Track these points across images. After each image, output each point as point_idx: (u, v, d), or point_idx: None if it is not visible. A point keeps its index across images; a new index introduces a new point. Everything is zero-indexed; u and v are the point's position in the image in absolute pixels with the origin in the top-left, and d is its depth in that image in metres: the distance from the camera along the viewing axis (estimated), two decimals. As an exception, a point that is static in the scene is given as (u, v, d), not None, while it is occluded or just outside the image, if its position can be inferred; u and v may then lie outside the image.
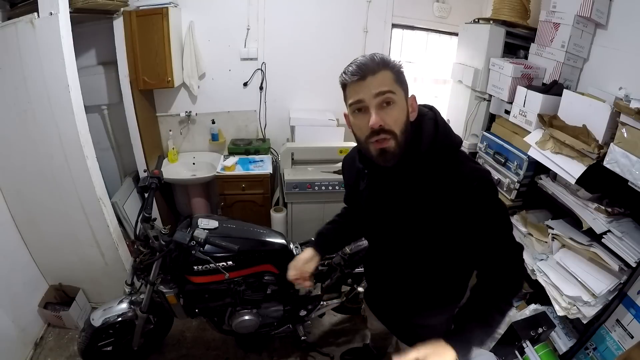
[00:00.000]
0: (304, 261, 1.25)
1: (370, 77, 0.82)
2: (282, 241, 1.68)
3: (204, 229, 1.44)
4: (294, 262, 1.26)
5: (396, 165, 0.88)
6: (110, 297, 1.72)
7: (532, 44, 2.05)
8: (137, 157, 2.54)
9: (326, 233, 1.34)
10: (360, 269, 1.82)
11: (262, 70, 2.72)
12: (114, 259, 2.04)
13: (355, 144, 1.01)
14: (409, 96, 0.87)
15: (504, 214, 0.92)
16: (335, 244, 1.37)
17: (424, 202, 0.89)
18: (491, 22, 2.11)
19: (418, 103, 0.92)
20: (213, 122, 2.79)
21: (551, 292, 1.69)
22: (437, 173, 0.87)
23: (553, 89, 1.80)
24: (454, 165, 0.88)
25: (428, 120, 0.90)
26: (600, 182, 1.55)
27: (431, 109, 0.94)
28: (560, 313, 1.62)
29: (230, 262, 1.51)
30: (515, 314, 1.82)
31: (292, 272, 1.24)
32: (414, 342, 1.27)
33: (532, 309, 1.80)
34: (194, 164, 2.81)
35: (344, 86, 0.87)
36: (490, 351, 1.65)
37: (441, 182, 0.87)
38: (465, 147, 2.26)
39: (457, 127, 2.38)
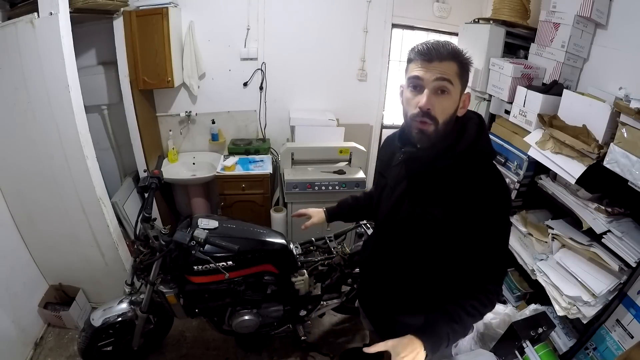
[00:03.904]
0: (313, 210, 1.53)
1: (436, 62, 0.84)
2: (282, 241, 1.67)
3: (204, 229, 1.43)
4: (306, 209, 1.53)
5: (431, 154, 0.91)
6: (110, 297, 1.72)
7: (532, 44, 2.05)
8: (137, 157, 2.54)
9: (342, 204, 1.50)
10: (360, 269, 1.82)
11: (262, 70, 2.72)
12: (114, 259, 2.04)
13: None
14: (465, 93, 0.90)
15: (506, 229, 0.96)
16: (347, 215, 1.51)
17: (441, 196, 0.92)
18: (491, 22, 2.12)
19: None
20: (213, 122, 2.79)
21: (551, 292, 1.69)
22: (463, 174, 0.90)
23: (553, 89, 1.80)
24: (481, 172, 0.91)
25: (473, 124, 0.93)
26: (600, 182, 1.55)
27: (478, 116, 0.97)
28: (560, 313, 1.62)
29: (230, 262, 1.51)
30: (515, 314, 1.82)
31: (301, 211, 1.54)
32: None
33: (532, 309, 1.80)
34: (194, 164, 2.81)
35: (410, 60, 0.90)
36: (490, 351, 1.65)
37: (464, 183, 0.90)
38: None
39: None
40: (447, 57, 0.84)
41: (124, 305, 1.65)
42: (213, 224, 1.54)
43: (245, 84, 2.75)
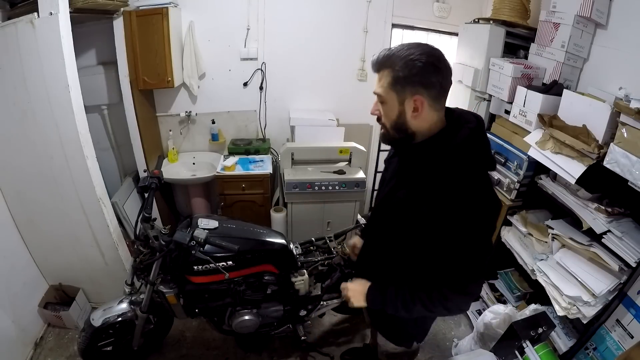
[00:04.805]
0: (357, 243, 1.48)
1: (379, 73, 0.91)
2: (282, 241, 1.67)
3: (204, 229, 1.43)
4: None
5: (416, 152, 0.94)
6: (110, 297, 1.72)
7: (532, 44, 2.05)
8: (137, 157, 2.54)
9: None
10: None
11: (262, 70, 2.71)
12: (114, 259, 2.04)
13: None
14: (413, 98, 0.86)
15: (474, 242, 0.91)
16: None
17: (423, 195, 0.93)
18: (491, 22, 2.12)
19: (466, 109, 0.98)
20: (213, 122, 2.79)
21: (551, 292, 1.69)
22: (444, 176, 0.89)
23: (553, 89, 1.80)
24: (462, 179, 0.88)
25: (466, 128, 0.90)
26: (600, 182, 1.55)
27: (477, 120, 0.93)
28: (560, 313, 1.62)
29: (230, 262, 1.50)
30: (515, 314, 1.82)
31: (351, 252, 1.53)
32: (387, 332, 1.31)
33: (532, 309, 1.80)
34: (194, 164, 2.81)
35: None
36: (490, 351, 1.66)
37: (443, 186, 0.89)
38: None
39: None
40: (381, 67, 0.89)
41: (124, 305, 1.65)
42: (213, 224, 1.54)
43: (245, 84, 2.75)
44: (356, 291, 1.14)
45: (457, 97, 2.42)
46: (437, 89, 0.87)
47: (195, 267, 1.47)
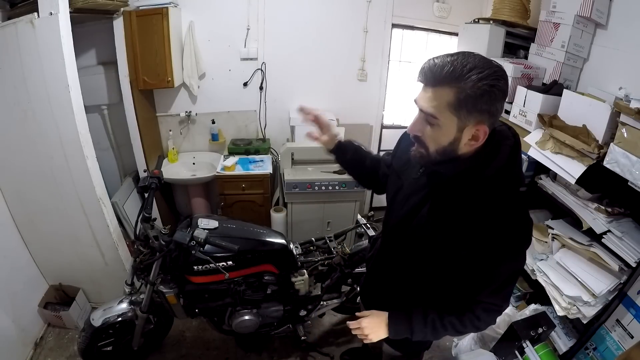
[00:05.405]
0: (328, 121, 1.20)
1: (429, 87, 0.76)
2: (282, 241, 1.68)
3: (204, 229, 1.43)
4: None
5: (454, 173, 0.85)
6: (110, 297, 1.72)
7: (532, 44, 2.05)
8: (137, 157, 2.54)
9: (353, 147, 1.25)
10: (360, 269, 1.82)
11: (262, 70, 2.71)
12: (114, 259, 2.04)
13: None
14: (476, 126, 0.75)
15: (515, 267, 0.90)
16: (352, 154, 1.24)
17: (457, 219, 0.86)
18: (491, 22, 2.12)
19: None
20: (213, 122, 2.79)
21: (551, 292, 1.69)
22: (485, 200, 0.83)
23: (553, 89, 1.80)
24: (504, 202, 0.84)
25: (506, 147, 0.83)
26: (600, 182, 1.55)
27: (515, 136, 0.86)
28: (560, 313, 1.62)
29: (230, 262, 1.51)
30: (515, 314, 1.82)
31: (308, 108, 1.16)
32: (393, 342, 1.24)
33: (532, 309, 1.81)
34: (194, 164, 2.81)
35: None
36: (490, 351, 1.66)
37: (484, 210, 0.83)
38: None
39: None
40: (440, 83, 0.73)
41: (124, 305, 1.65)
42: (213, 224, 1.54)
43: (245, 84, 2.75)
44: (374, 323, 1.02)
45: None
46: (499, 115, 0.78)
47: (195, 267, 1.48)
